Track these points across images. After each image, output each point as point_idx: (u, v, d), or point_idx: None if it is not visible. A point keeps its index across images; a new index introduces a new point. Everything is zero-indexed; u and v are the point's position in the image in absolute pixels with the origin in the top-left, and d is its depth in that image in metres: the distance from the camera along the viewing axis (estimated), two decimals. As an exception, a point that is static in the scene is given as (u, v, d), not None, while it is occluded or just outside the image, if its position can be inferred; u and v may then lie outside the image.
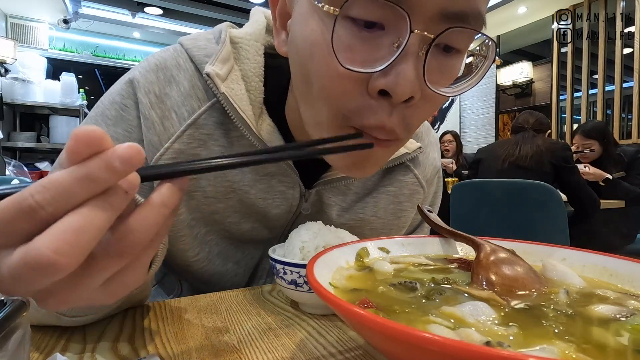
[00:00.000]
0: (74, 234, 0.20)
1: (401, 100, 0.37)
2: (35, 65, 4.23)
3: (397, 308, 0.31)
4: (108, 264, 0.23)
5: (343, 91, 0.38)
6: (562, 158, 2.19)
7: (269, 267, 0.65)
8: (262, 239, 0.62)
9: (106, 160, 0.21)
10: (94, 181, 0.21)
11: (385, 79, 0.36)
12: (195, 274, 0.60)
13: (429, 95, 0.39)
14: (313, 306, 0.47)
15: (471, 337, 0.26)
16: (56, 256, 0.20)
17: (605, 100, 4.77)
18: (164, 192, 0.24)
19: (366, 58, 0.36)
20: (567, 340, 0.26)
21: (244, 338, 0.39)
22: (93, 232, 0.21)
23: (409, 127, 0.42)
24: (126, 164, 0.21)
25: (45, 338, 0.40)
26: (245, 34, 0.55)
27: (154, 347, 0.38)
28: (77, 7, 4.79)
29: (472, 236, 0.46)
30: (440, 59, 0.38)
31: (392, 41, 0.36)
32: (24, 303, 0.32)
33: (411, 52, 0.35)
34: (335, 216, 0.61)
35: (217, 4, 5.05)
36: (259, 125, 0.53)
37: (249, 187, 0.55)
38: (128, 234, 0.23)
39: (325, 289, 0.27)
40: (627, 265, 0.39)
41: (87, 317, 0.42)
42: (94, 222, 0.21)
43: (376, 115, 0.39)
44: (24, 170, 3.62)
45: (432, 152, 0.70)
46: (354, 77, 0.37)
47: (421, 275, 0.40)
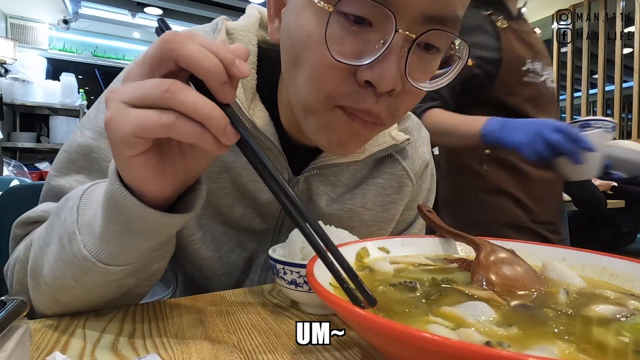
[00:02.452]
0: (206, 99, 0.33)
1: (384, 92, 0.42)
2: (35, 66, 4.23)
3: (397, 308, 0.31)
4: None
5: (333, 78, 0.42)
6: None
7: (264, 263, 0.66)
8: (256, 230, 0.63)
9: (227, 52, 0.33)
10: (221, 57, 0.33)
11: (371, 72, 0.40)
12: (190, 257, 0.61)
13: (410, 89, 0.43)
14: (313, 306, 0.47)
15: (471, 337, 0.26)
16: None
17: (605, 100, 4.77)
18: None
19: (355, 51, 0.40)
20: (567, 340, 0.26)
21: (244, 338, 0.39)
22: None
23: (393, 114, 0.46)
24: (238, 53, 0.34)
25: (45, 337, 0.40)
26: (239, 25, 0.59)
27: (154, 347, 0.38)
28: (77, 7, 4.79)
29: (472, 236, 0.46)
30: (421, 56, 0.43)
31: (379, 38, 0.40)
32: (24, 303, 0.32)
33: (395, 50, 0.40)
34: (324, 206, 0.63)
35: (216, 4, 5.05)
36: (251, 110, 0.55)
37: (241, 169, 0.57)
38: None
39: (325, 289, 0.27)
40: (627, 265, 0.39)
41: (119, 268, 0.42)
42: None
43: (365, 101, 0.43)
44: (24, 170, 3.62)
45: (421, 146, 0.71)
46: (343, 68, 0.41)
47: (421, 275, 0.40)
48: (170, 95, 0.31)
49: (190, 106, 0.32)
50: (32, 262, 0.45)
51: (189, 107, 0.32)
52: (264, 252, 0.66)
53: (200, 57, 0.32)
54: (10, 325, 0.28)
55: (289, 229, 0.64)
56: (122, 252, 0.41)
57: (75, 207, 0.41)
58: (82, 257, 0.40)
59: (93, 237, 0.40)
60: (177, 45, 0.32)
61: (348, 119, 0.45)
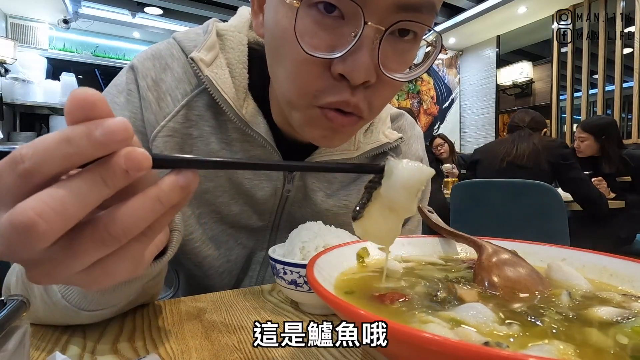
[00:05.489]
0: (59, 201, 0.20)
1: (357, 84, 0.42)
2: (35, 65, 4.23)
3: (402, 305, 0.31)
4: (91, 247, 0.22)
5: (308, 73, 0.43)
6: (559, 156, 2.19)
7: (262, 260, 0.66)
8: (253, 227, 0.64)
9: (88, 127, 0.20)
10: (72, 145, 0.20)
11: (344, 64, 0.41)
12: (190, 254, 0.62)
13: (385, 80, 0.44)
14: (313, 306, 0.47)
15: (469, 337, 0.26)
16: (38, 218, 0.19)
17: (605, 100, 4.77)
18: (164, 186, 0.23)
19: (328, 44, 0.41)
20: (566, 341, 0.26)
21: (244, 338, 0.39)
22: (79, 204, 0.20)
23: (371, 107, 0.46)
24: (107, 136, 0.20)
25: (45, 338, 0.40)
26: (230, 26, 0.60)
27: (154, 347, 0.38)
28: (77, 7, 4.79)
29: (473, 237, 0.45)
30: (395, 46, 0.44)
31: (350, 31, 0.40)
32: (24, 303, 0.32)
33: (366, 42, 0.40)
34: (320, 201, 0.64)
35: (216, 4, 5.05)
36: (243, 109, 0.56)
37: None
38: (114, 221, 0.22)
39: (325, 289, 0.27)
40: (627, 266, 0.39)
41: (105, 311, 0.41)
42: (81, 193, 0.20)
43: (341, 94, 0.43)
44: (24, 170, 3.62)
45: (414, 144, 0.73)
46: (317, 62, 0.42)
47: (433, 274, 0.40)
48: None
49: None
50: (23, 292, 0.43)
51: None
52: (263, 250, 0.66)
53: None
54: (10, 325, 0.28)
55: (287, 226, 0.66)
56: (105, 297, 0.39)
57: None
58: (63, 307, 0.39)
59: (69, 288, 0.38)
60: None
61: (325, 118, 0.46)
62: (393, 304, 0.32)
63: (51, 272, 0.23)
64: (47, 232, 0.20)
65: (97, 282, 0.25)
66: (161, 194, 0.23)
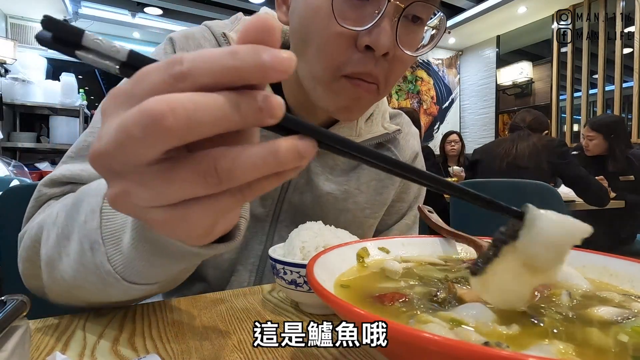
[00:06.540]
0: (194, 105, 0.19)
1: (381, 53, 0.49)
2: (35, 66, 4.22)
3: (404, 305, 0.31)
4: (190, 177, 0.21)
5: (337, 46, 0.50)
6: (558, 155, 2.19)
7: (260, 254, 0.67)
8: (254, 214, 0.65)
9: (257, 48, 0.20)
10: (237, 59, 0.20)
11: (369, 36, 0.49)
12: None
13: (400, 56, 0.52)
14: (313, 306, 0.47)
15: (469, 337, 0.26)
16: (169, 112, 0.19)
17: (605, 100, 4.77)
18: (284, 142, 0.21)
19: (355, 20, 0.49)
20: (566, 341, 0.26)
21: (244, 338, 0.39)
22: (208, 117, 0.20)
23: (387, 80, 0.54)
24: (273, 62, 0.20)
25: (45, 338, 0.40)
26: None
27: (154, 347, 0.38)
28: (77, 7, 4.79)
29: (473, 237, 0.46)
30: (408, 27, 0.52)
31: (374, 10, 0.49)
32: (24, 303, 0.32)
33: (388, 18, 0.48)
34: (322, 184, 0.67)
35: (216, 4, 5.05)
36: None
37: None
38: (225, 156, 0.21)
39: (325, 289, 0.27)
40: (627, 266, 0.39)
41: (142, 287, 0.39)
42: (216, 108, 0.20)
43: (365, 65, 0.51)
44: (24, 170, 3.61)
45: (412, 139, 0.78)
46: (345, 36, 0.49)
47: (433, 274, 0.40)
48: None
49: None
50: (49, 251, 0.42)
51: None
52: (261, 243, 0.67)
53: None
54: (10, 325, 0.28)
55: (287, 217, 0.67)
56: (149, 271, 0.37)
57: (98, 210, 0.37)
58: (105, 271, 0.37)
59: (119, 251, 0.36)
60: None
61: (352, 85, 0.52)
62: (393, 304, 0.32)
63: (138, 195, 0.22)
64: (170, 130, 0.19)
65: (171, 225, 0.24)
66: (279, 149, 0.21)
